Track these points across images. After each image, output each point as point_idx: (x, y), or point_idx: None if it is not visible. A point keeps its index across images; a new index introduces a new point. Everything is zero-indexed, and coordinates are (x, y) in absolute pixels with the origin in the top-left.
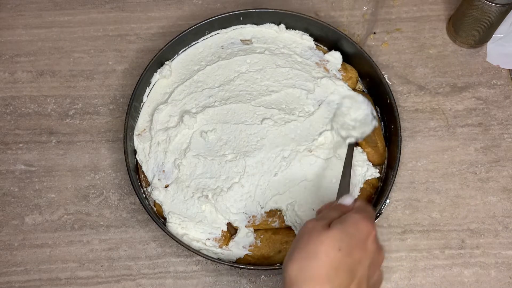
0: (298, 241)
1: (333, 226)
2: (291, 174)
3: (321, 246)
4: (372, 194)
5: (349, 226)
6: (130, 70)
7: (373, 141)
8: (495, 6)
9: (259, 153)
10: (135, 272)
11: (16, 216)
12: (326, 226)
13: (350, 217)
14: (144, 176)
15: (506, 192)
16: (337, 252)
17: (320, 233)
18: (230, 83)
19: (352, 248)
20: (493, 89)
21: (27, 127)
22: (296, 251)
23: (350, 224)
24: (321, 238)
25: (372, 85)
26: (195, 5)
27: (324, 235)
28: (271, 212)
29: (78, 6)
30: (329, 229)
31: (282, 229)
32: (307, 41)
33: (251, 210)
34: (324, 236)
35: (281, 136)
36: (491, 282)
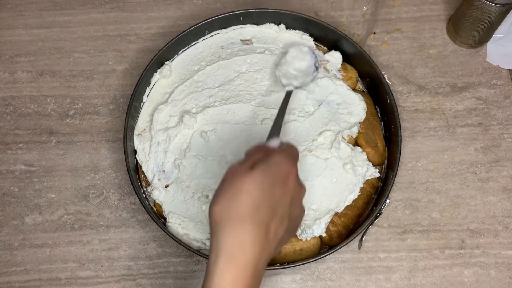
0: (222, 183)
1: (255, 167)
2: None
3: (244, 185)
4: (372, 194)
5: (270, 166)
6: (130, 70)
7: (373, 141)
8: (495, 6)
9: None
10: (135, 272)
11: (16, 216)
12: (249, 167)
13: (272, 158)
14: (144, 176)
15: (506, 192)
16: (259, 191)
17: (243, 174)
18: (230, 83)
19: (273, 186)
20: (493, 89)
21: (27, 127)
22: (220, 193)
23: (271, 164)
24: (243, 179)
25: (372, 85)
26: (195, 5)
27: (247, 175)
28: None
29: (78, 6)
30: (252, 170)
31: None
32: (307, 41)
33: None
34: (247, 177)
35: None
36: (491, 282)
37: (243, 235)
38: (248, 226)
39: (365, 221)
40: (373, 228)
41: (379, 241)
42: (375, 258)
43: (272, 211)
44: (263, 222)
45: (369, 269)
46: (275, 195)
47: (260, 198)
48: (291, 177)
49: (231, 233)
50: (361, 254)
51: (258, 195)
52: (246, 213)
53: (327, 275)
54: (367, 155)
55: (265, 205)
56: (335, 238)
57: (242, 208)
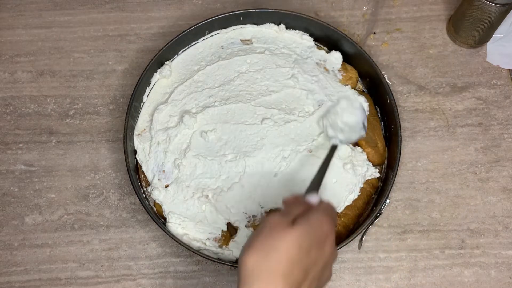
0: (260, 233)
1: (297, 223)
2: (291, 174)
3: (283, 242)
4: (372, 194)
5: (311, 225)
6: (130, 70)
7: (373, 141)
8: (495, 6)
9: (259, 153)
10: (135, 272)
11: (16, 216)
12: (290, 222)
13: (314, 216)
14: (144, 176)
15: (506, 192)
16: (297, 250)
17: (284, 229)
18: (230, 83)
19: (311, 247)
20: (493, 89)
21: (27, 127)
22: (256, 243)
23: (312, 223)
24: (283, 234)
25: (372, 85)
26: (195, 5)
27: (287, 231)
28: (271, 212)
29: (78, 6)
30: (292, 226)
31: None
32: (307, 41)
33: (251, 210)
34: (287, 233)
35: (281, 136)
36: (491, 282)
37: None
38: (281, 285)
39: (365, 221)
40: (373, 228)
41: (379, 241)
42: (375, 258)
43: (305, 273)
44: (295, 283)
45: (369, 269)
46: (311, 258)
47: (297, 259)
48: (329, 241)
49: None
50: (361, 254)
51: (295, 255)
52: (281, 272)
53: None
54: (367, 155)
55: (300, 266)
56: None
57: (278, 265)
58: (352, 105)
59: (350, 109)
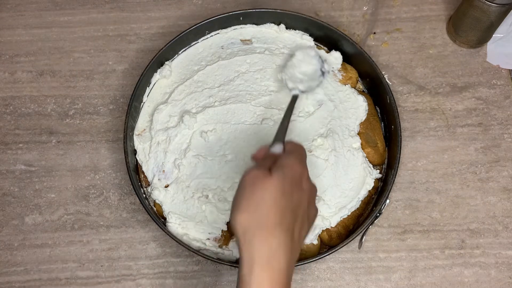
0: (244, 190)
1: (274, 172)
2: None
3: (267, 191)
4: (372, 194)
5: (286, 169)
6: (130, 70)
7: (373, 141)
8: (495, 6)
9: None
10: (135, 272)
11: (16, 216)
12: (268, 172)
13: (285, 161)
14: (144, 176)
15: (506, 192)
16: (282, 197)
17: (264, 180)
18: (230, 83)
19: (292, 190)
20: (493, 89)
21: (27, 127)
22: (242, 200)
23: (286, 167)
24: (266, 185)
25: (372, 85)
26: (195, 5)
27: (267, 181)
28: None
29: (78, 6)
30: (271, 176)
31: None
32: (307, 41)
33: None
34: (268, 183)
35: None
36: (491, 282)
37: (275, 243)
38: (277, 233)
39: (365, 221)
40: (373, 228)
41: (379, 241)
42: (375, 258)
43: (294, 215)
44: (289, 227)
45: (369, 269)
46: (295, 199)
47: (284, 204)
48: (304, 178)
49: (263, 242)
50: (361, 254)
51: (282, 201)
52: (273, 221)
53: (327, 275)
54: (367, 155)
55: (288, 210)
56: (335, 238)
57: (269, 216)
58: (308, 55)
59: (307, 59)
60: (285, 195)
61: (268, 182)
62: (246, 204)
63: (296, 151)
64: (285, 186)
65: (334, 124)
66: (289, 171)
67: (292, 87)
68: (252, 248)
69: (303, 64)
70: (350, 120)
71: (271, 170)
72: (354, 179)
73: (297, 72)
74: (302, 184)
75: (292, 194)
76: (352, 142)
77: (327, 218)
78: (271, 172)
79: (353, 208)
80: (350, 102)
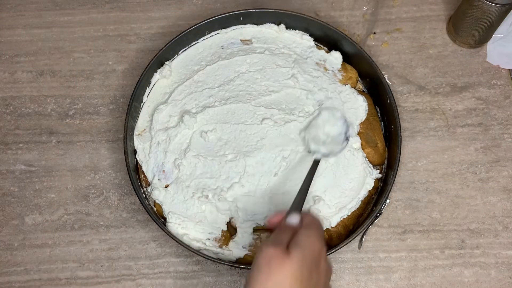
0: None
1: (292, 251)
2: (291, 174)
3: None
4: (372, 194)
5: (305, 248)
6: (130, 70)
7: (373, 141)
8: (495, 6)
9: (259, 153)
10: (135, 272)
11: (16, 216)
12: (285, 251)
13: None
14: (144, 176)
15: (506, 192)
16: (299, 280)
17: (282, 262)
18: (230, 83)
19: (310, 272)
20: (493, 89)
21: (27, 127)
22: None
23: (305, 246)
24: (283, 267)
25: (372, 85)
26: (195, 5)
27: (285, 263)
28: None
29: (78, 6)
30: (289, 256)
31: None
32: (307, 41)
33: None
34: (286, 265)
35: (281, 136)
36: (491, 282)
37: None
38: None
39: (365, 221)
40: (373, 228)
41: (379, 241)
42: (375, 258)
43: None
44: None
45: (369, 269)
46: (313, 280)
47: None
48: (323, 257)
49: None
50: (361, 254)
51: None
52: None
53: None
54: (367, 155)
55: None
56: (335, 238)
57: None
58: (334, 116)
59: (332, 120)
60: (303, 278)
61: (286, 264)
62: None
63: (314, 225)
64: (303, 269)
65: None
66: (309, 251)
67: (315, 149)
68: None
69: (327, 124)
70: (350, 120)
71: (289, 248)
72: (354, 179)
73: (320, 133)
74: (320, 264)
75: (310, 277)
76: (352, 142)
77: (327, 218)
78: (289, 251)
79: (353, 208)
80: (350, 102)
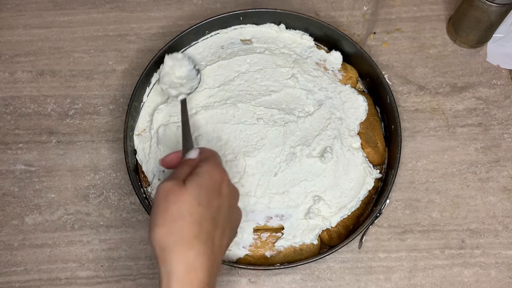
0: (158, 205)
1: (188, 183)
2: (291, 174)
3: (182, 205)
4: (372, 194)
5: (203, 178)
6: (130, 70)
7: (373, 141)
8: (495, 6)
9: (259, 153)
10: (135, 272)
11: (16, 216)
12: (182, 184)
13: (202, 169)
14: (144, 176)
15: (506, 192)
16: (198, 208)
17: (178, 193)
18: (230, 83)
19: (209, 198)
20: (493, 89)
21: (27, 127)
22: (157, 216)
23: (203, 176)
24: (180, 197)
25: (372, 85)
26: (195, 5)
27: (182, 194)
28: None
29: (78, 6)
30: (185, 187)
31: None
32: (307, 41)
33: None
34: (183, 195)
35: (281, 136)
36: (491, 282)
37: (192, 257)
38: (195, 247)
39: (365, 221)
40: (373, 228)
41: (379, 241)
42: (375, 258)
43: (214, 224)
44: (208, 238)
45: (369, 269)
46: (213, 207)
47: (201, 215)
48: (224, 183)
49: (180, 257)
50: (361, 254)
51: (198, 212)
52: (191, 234)
53: (327, 275)
54: (367, 155)
55: (206, 220)
56: (335, 238)
57: (186, 230)
58: (177, 59)
59: (177, 64)
60: (201, 205)
61: (183, 194)
62: (161, 219)
63: (212, 156)
64: (201, 196)
65: (334, 124)
66: (205, 179)
67: (176, 93)
68: (170, 264)
69: (175, 69)
70: (350, 120)
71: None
72: (354, 179)
73: (173, 78)
74: (222, 190)
75: (210, 203)
76: (352, 142)
77: (327, 218)
78: (185, 183)
79: (353, 208)
80: (350, 102)
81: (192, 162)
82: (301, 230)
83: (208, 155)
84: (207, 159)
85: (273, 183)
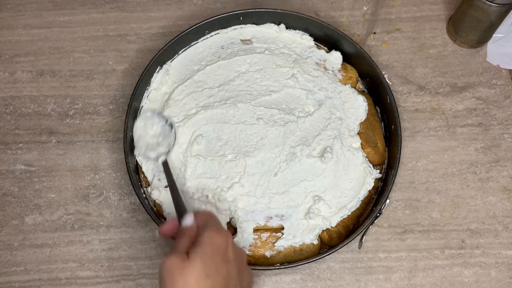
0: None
1: (192, 255)
2: (291, 174)
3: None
4: (372, 194)
5: (206, 248)
6: (130, 70)
7: (373, 141)
8: (495, 6)
9: (259, 153)
10: (135, 272)
11: (16, 216)
12: (185, 257)
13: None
14: (144, 176)
15: (506, 192)
16: (207, 280)
17: (183, 268)
18: (230, 83)
19: (217, 267)
20: (493, 89)
21: (27, 127)
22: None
23: (206, 245)
24: (185, 271)
25: (372, 85)
26: (195, 5)
27: (187, 267)
28: None
29: (78, 6)
30: (189, 260)
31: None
32: (307, 41)
33: None
34: (187, 269)
35: (281, 136)
36: (491, 282)
37: None
38: None
39: (365, 221)
40: (373, 228)
41: (379, 241)
42: (375, 258)
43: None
44: None
45: (369, 269)
46: (222, 274)
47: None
48: (229, 248)
49: None
50: (361, 254)
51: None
52: None
53: (327, 275)
54: (367, 155)
55: None
56: (335, 238)
57: None
58: (146, 117)
59: (148, 122)
60: (209, 275)
61: (188, 268)
62: None
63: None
64: (207, 267)
65: (334, 124)
66: (208, 247)
67: (155, 155)
68: None
69: (148, 129)
70: (350, 120)
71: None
72: (354, 179)
73: (148, 139)
74: (227, 255)
75: (218, 272)
76: (352, 142)
77: (327, 218)
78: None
79: (353, 208)
80: (350, 102)
81: (191, 231)
82: (301, 230)
83: (205, 219)
84: (206, 225)
85: (273, 183)
